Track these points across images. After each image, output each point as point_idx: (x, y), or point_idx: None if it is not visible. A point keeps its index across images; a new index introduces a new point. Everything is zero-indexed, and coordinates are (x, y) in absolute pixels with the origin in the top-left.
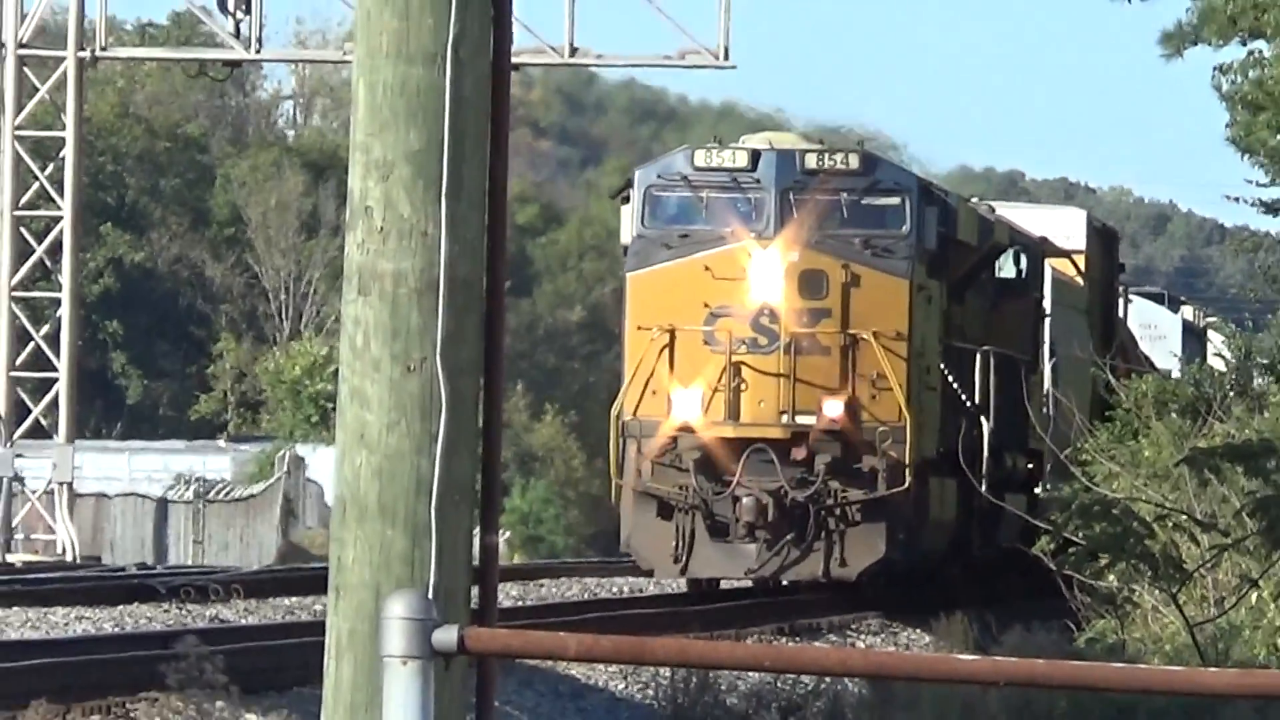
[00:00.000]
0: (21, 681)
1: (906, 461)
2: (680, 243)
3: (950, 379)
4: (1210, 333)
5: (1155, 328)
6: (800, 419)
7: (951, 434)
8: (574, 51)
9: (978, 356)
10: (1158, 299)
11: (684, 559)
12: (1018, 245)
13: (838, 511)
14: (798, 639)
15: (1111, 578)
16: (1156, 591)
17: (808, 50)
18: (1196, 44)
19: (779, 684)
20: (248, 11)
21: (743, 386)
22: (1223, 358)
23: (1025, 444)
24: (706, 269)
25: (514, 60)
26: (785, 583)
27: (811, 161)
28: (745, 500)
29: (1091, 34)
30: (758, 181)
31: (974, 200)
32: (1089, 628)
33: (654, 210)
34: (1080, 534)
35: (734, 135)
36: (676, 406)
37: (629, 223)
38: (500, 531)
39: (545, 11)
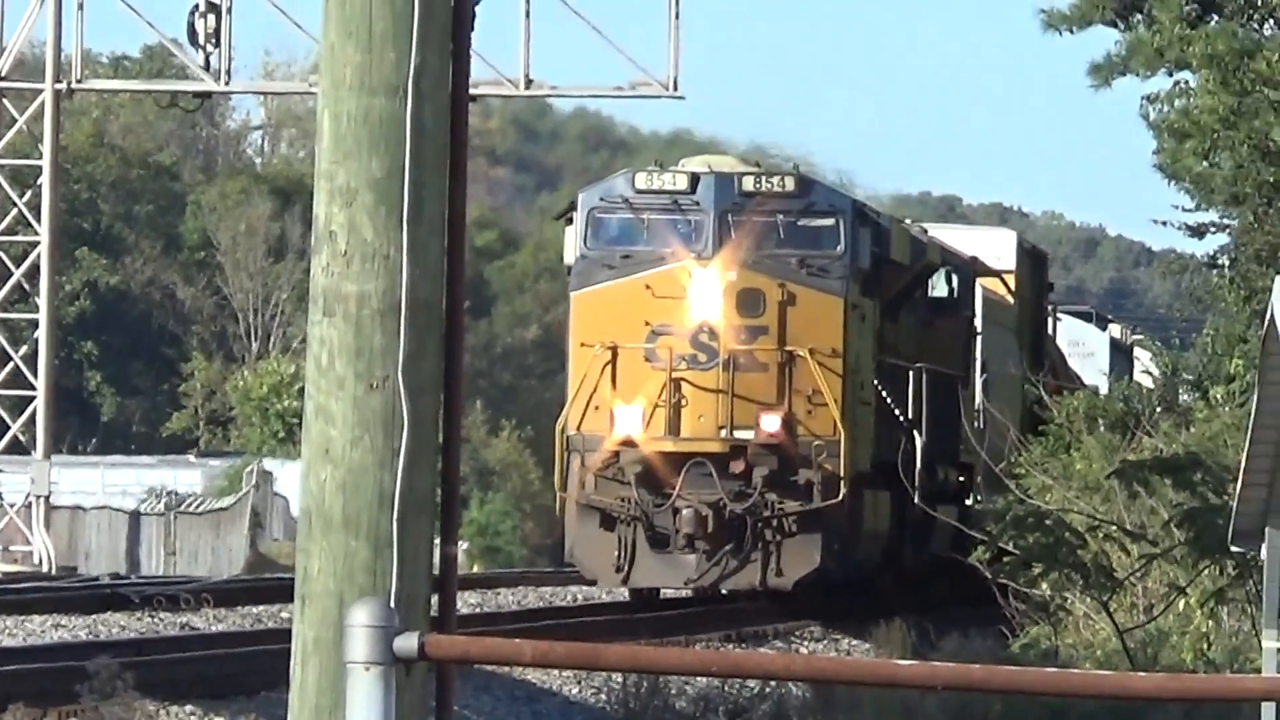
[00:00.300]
0: (0, 686)
1: (841, 474)
2: (622, 263)
3: (884, 394)
4: (1137, 350)
5: (1084, 345)
6: (739, 433)
7: (885, 447)
8: (529, 83)
9: (910, 373)
10: (1086, 317)
11: (626, 569)
12: (949, 265)
13: (774, 523)
14: (743, 645)
15: (1045, 586)
16: (1088, 599)
17: (752, 78)
18: (1125, 74)
19: (726, 688)
20: (217, 45)
21: (683, 402)
22: (1150, 374)
23: (957, 457)
24: (648, 288)
25: (472, 91)
26: (724, 592)
27: (749, 184)
28: (685, 512)
29: (1025, 64)
30: (697, 204)
31: (907, 222)
32: (1023, 634)
33: (596, 231)
34: (1014, 544)
35: (680, 161)
36: (619, 421)
37: (572, 243)
38: (459, 542)
39: (502, 45)
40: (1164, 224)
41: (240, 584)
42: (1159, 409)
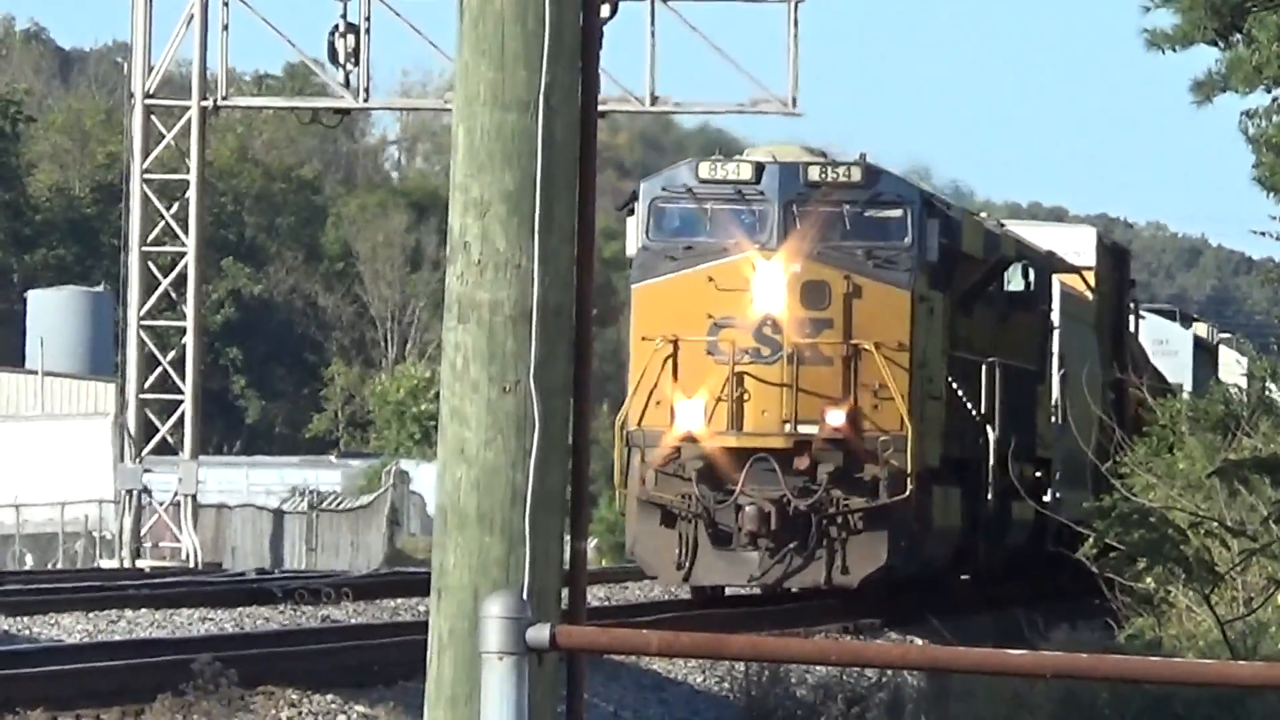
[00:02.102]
0: (150, 677)
1: (908, 470)
2: (684, 254)
3: (956, 389)
4: (1223, 349)
5: (1167, 343)
6: (803, 428)
7: (956, 443)
8: (655, 100)
9: (984, 367)
10: (1169, 315)
11: (687, 566)
12: (1025, 259)
13: (839, 520)
14: (861, 636)
15: (1149, 580)
16: (1190, 592)
17: (868, 93)
18: (1225, 91)
19: (844, 677)
20: (356, 63)
21: (746, 396)
22: (1249, 376)
23: (1033, 453)
24: (710, 280)
25: (600, 108)
26: (794, 590)
27: (814, 174)
28: (748, 509)
29: (1130, 81)
30: (761, 194)
31: (982, 216)
32: (1128, 625)
33: (658, 222)
34: (1120, 539)
35: (745, 151)
36: (680, 417)
37: (634, 235)
38: (589, 538)
39: (629, 63)
40: (1263, 234)
41: (378, 578)
42: (1258, 410)
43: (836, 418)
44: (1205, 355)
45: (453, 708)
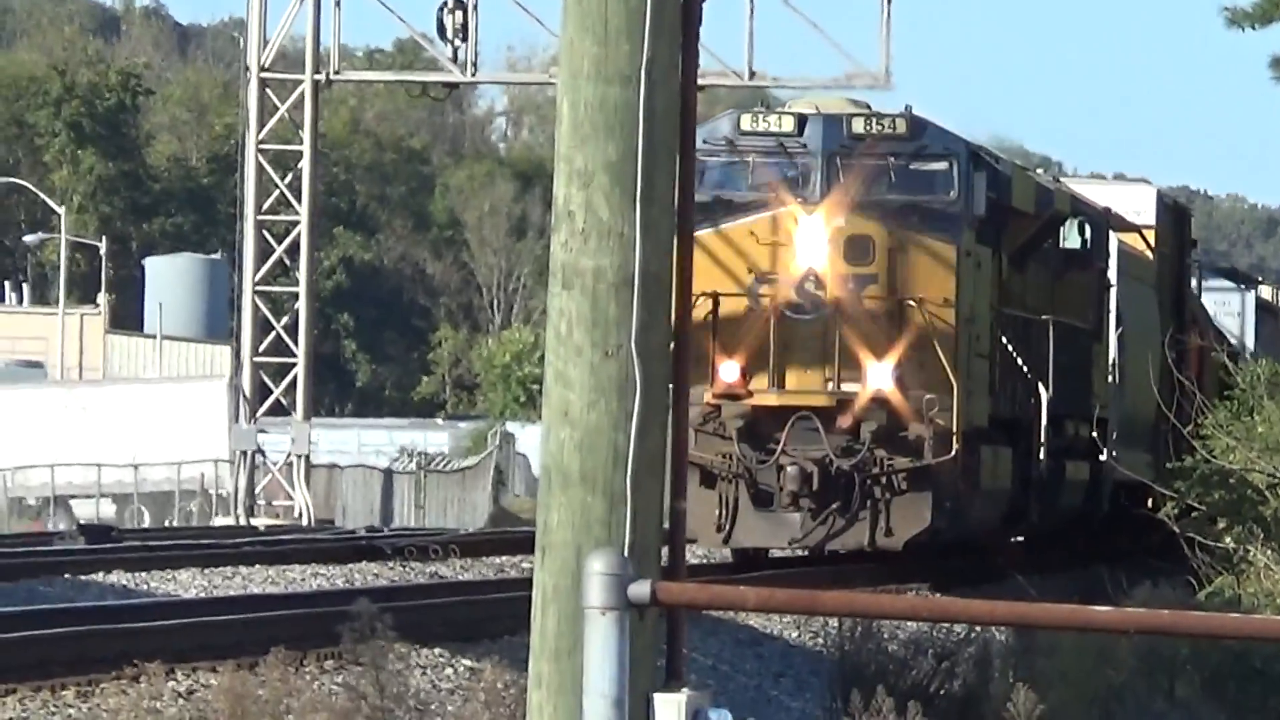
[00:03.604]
0: (263, 631)
1: (954, 429)
2: (725, 208)
3: (1008, 347)
4: None
5: (1228, 304)
6: (846, 386)
7: (1006, 402)
8: (752, 74)
9: (1036, 325)
10: (1230, 276)
11: (727, 528)
12: (1081, 215)
13: (884, 480)
14: (950, 593)
15: (1229, 539)
16: (1269, 551)
17: (960, 68)
18: None
19: (934, 633)
20: (464, 39)
21: (787, 354)
22: None
23: (1089, 412)
24: (751, 234)
25: (700, 81)
26: (842, 551)
27: (858, 126)
28: (790, 469)
29: (1212, 57)
30: (804, 146)
31: (1039, 171)
32: (1209, 584)
33: (699, 175)
34: (1201, 500)
35: (788, 103)
36: (720, 374)
37: None
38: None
39: (728, 39)
40: None
41: (484, 536)
42: None
43: (880, 375)
44: (1269, 317)
45: (556, 661)
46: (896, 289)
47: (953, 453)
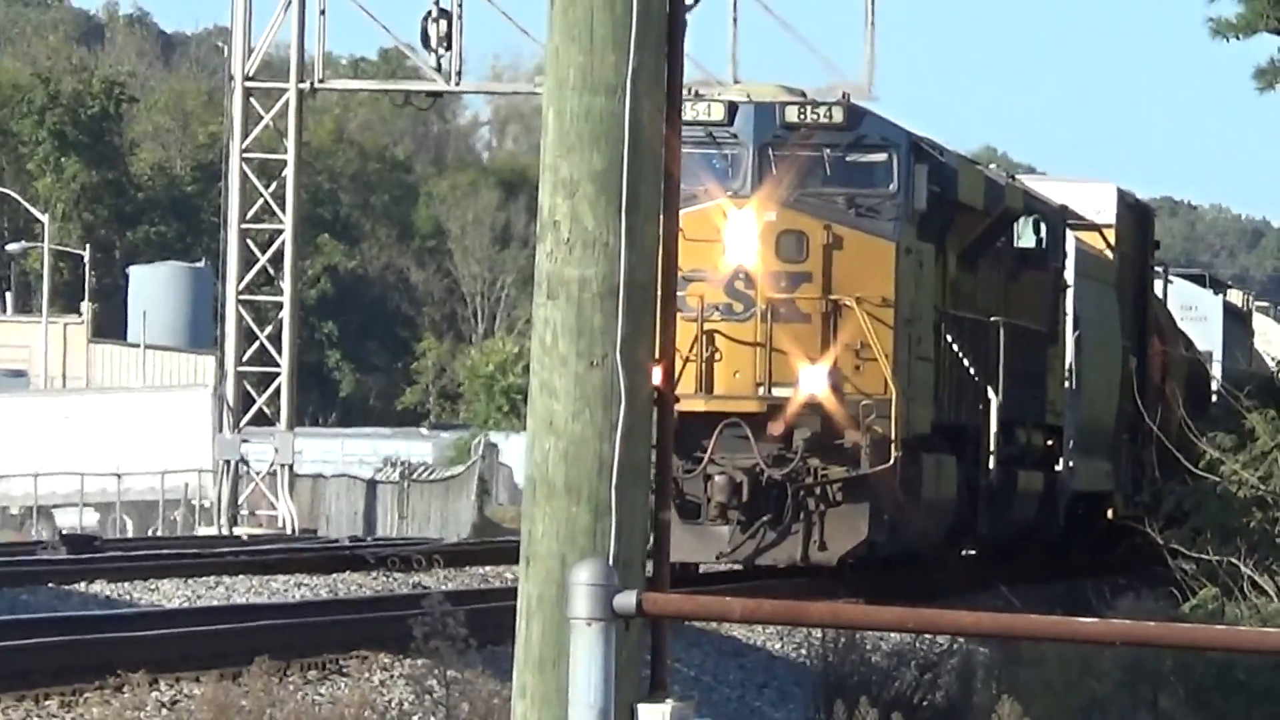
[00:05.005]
0: (247, 641)
1: (893, 437)
2: None
3: (954, 349)
4: (1258, 317)
5: (1195, 309)
6: (777, 391)
7: (951, 408)
8: (736, 83)
9: (986, 327)
10: (1199, 280)
11: None
12: (1036, 213)
13: (817, 491)
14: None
15: (1212, 552)
16: (1251, 564)
17: (940, 80)
18: None
19: (918, 644)
20: (448, 48)
21: (716, 356)
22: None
23: (1043, 419)
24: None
25: (684, 91)
26: (780, 565)
27: (792, 115)
28: (718, 479)
29: (1195, 68)
30: (734, 136)
31: (993, 167)
32: (1193, 598)
33: None
34: (1184, 512)
35: (718, 90)
36: None
37: None
38: (672, 508)
39: (712, 48)
40: None
41: (468, 546)
42: None
43: (814, 379)
44: (1237, 323)
45: (541, 671)
46: (831, 288)
47: (891, 461)
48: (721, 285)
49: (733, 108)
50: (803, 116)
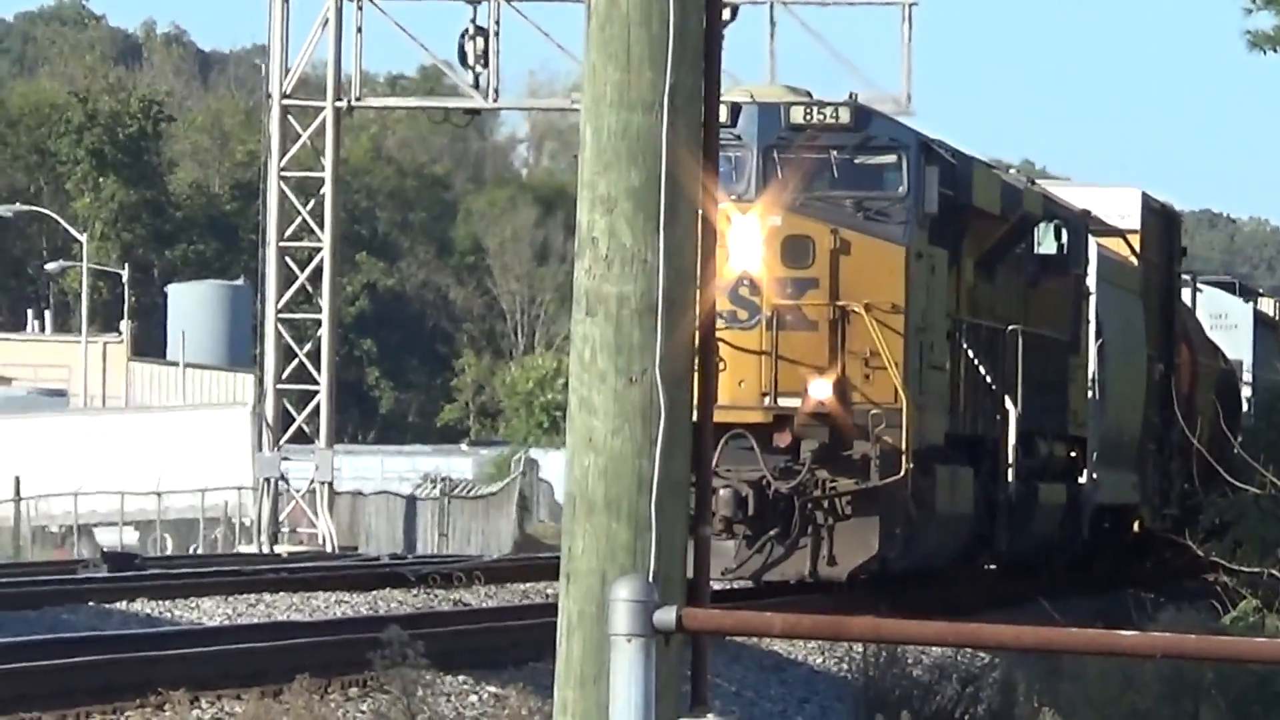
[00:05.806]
0: (288, 659)
1: (903, 448)
2: None
3: (971, 358)
4: None
5: (1226, 317)
6: (784, 401)
7: (967, 419)
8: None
9: (1004, 335)
10: (1229, 288)
11: None
12: (1056, 218)
13: (826, 504)
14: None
15: (1253, 564)
16: None
17: (979, 94)
18: None
19: (959, 658)
20: (486, 65)
21: (720, 365)
22: None
23: (1064, 430)
24: None
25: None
26: (792, 581)
27: (798, 116)
28: (722, 492)
29: (1233, 80)
30: (738, 138)
31: (1012, 172)
32: (1235, 609)
33: None
34: (1224, 523)
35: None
36: None
37: None
38: (711, 525)
39: (749, 64)
40: None
41: (508, 563)
42: None
43: (822, 389)
44: (1269, 331)
45: (582, 688)
46: (839, 294)
47: (902, 473)
48: (725, 292)
49: (736, 108)
50: (808, 117)
